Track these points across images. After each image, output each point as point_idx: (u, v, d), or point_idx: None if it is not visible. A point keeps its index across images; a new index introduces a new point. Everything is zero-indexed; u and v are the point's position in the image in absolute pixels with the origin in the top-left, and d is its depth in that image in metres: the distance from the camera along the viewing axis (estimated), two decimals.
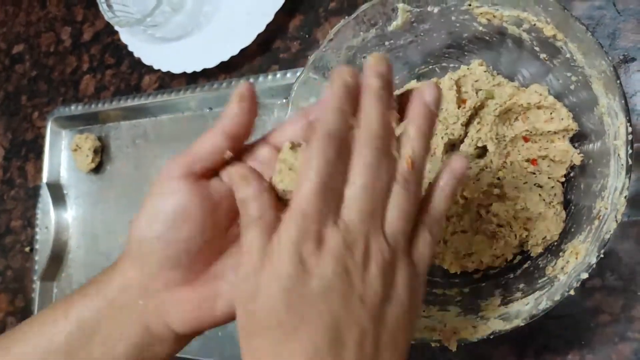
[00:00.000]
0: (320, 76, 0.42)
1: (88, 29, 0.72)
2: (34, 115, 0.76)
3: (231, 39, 0.56)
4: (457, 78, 0.41)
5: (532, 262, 0.38)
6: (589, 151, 0.37)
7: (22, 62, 0.79)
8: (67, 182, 0.70)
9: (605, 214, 0.32)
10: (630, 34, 0.40)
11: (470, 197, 0.40)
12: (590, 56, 0.33)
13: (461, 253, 0.40)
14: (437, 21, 0.40)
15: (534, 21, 0.36)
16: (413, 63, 0.44)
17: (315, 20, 0.55)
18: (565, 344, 0.40)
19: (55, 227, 0.68)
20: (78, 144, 0.67)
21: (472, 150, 0.40)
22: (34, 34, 0.78)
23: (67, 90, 0.73)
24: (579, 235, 0.35)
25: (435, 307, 0.39)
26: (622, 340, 0.38)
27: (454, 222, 0.41)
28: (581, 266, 0.33)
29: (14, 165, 0.76)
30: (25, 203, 0.74)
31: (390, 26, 0.41)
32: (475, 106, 0.40)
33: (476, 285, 0.40)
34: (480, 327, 0.35)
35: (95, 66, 0.70)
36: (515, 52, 0.39)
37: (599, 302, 0.39)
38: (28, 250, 0.72)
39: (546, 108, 0.39)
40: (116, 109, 0.65)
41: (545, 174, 0.39)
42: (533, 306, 0.34)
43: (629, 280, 0.38)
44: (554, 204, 0.37)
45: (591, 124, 0.36)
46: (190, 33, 0.60)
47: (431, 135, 0.28)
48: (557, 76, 0.38)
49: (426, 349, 0.44)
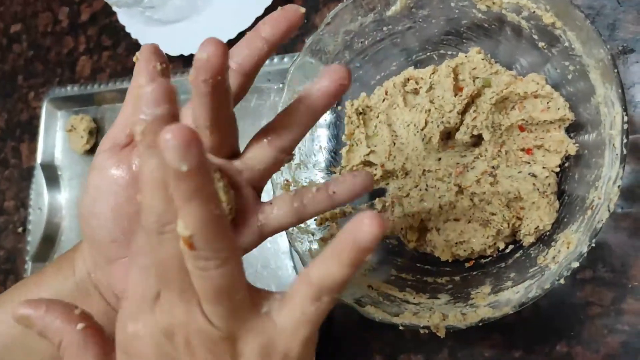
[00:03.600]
0: (316, 60, 0.42)
1: (86, 10, 0.72)
2: (29, 96, 0.75)
3: (229, 22, 0.56)
4: (455, 65, 0.41)
5: (523, 252, 0.38)
6: (585, 141, 0.37)
7: (19, 42, 0.78)
8: (61, 164, 0.70)
9: (599, 203, 0.32)
10: (630, 25, 0.40)
11: (463, 185, 0.40)
12: (589, 45, 0.33)
13: (453, 241, 0.40)
14: (436, 7, 0.40)
15: (534, 8, 0.35)
16: (411, 49, 0.44)
17: (314, 5, 0.54)
18: (555, 335, 0.40)
19: (48, 208, 0.68)
20: (73, 125, 0.66)
21: (468, 138, 0.40)
22: (31, 14, 0.78)
23: (63, 71, 0.72)
24: (571, 225, 0.35)
25: (425, 294, 0.39)
26: (611, 333, 0.38)
27: (446, 210, 0.40)
28: (572, 255, 0.32)
29: (9, 145, 0.76)
30: (19, 184, 0.73)
31: (388, 11, 0.41)
32: (472, 94, 0.40)
33: (467, 273, 0.40)
34: (469, 314, 0.35)
35: (92, 47, 0.70)
36: (514, 40, 0.39)
37: (590, 294, 0.39)
38: (21, 231, 0.71)
39: (543, 97, 0.38)
40: (112, 91, 0.65)
41: (540, 164, 0.38)
42: (523, 295, 0.34)
43: (620, 272, 0.38)
44: (548, 194, 0.37)
45: (587, 114, 0.36)
46: (189, 16, 0.60)
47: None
48: (555, 65, 0.38)
49: (415, 337, 0.44)
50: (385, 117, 0.44)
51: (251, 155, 0.29)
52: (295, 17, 0.28)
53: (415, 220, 0.41)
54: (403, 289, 0.39)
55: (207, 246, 0.21)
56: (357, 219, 0.21)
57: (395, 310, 0.37)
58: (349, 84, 0.28)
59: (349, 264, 0.22)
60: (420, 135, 0.42)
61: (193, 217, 0.21)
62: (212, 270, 0.22)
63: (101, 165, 0.31)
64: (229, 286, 0.22)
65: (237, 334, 0.23)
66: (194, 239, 0.21)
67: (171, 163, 0.19)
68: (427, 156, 0.42)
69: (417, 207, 0.42)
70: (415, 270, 0.41)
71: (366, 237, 0.21)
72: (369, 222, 0.20)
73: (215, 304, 0.23)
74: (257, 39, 0.28)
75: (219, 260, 0.22)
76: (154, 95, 0.21)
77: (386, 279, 0.40)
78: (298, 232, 0.40)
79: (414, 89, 0.43)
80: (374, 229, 0.20)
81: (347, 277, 0.22)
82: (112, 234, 0.31)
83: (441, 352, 0.43)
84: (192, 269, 0.22)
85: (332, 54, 0.42)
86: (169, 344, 0.24)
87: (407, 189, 0.42)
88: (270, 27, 0.28)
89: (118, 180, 0.30)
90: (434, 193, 0.41)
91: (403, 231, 0.42)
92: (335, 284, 0.22)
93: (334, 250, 0.22)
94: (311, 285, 0.23)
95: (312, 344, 0.24)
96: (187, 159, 0.19)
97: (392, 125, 0.44)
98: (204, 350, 0.24)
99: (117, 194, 0.30)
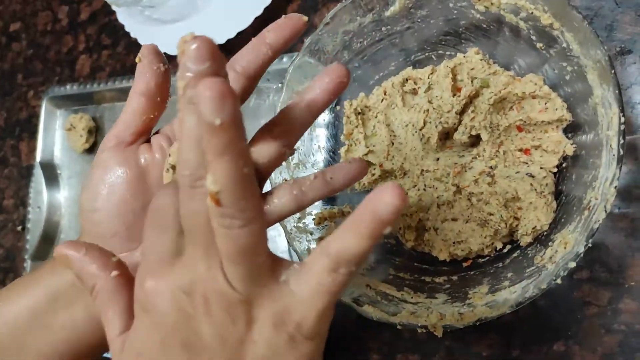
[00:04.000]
0: (315, 60, 0.42)
1: (85, 9, 0.72)
2: (28, 94, 0.75)
3: (228, 22, 0.56)
4: (453, 66, 0.41)
5: (521, 252, 0.38)
6: (582, 142, 0.37)
7: (19, 40, 0.78)
8: (60, 162, 0.70)
9: (595, 204, 0.32)
10: (628, 26, 0.40)
11: (461, 185, 0.40)
12: (587, 46, 0.33)
13: (451, 241, 0.40)
14: (435, 7, 0.40)
15: (532, 9, 0.35)
16: (409, 50, 0.44)
17: (313, 5, 0.54)
18: (552, 335, 0.40)
19: (47, 207, 0.68)
20: (72, 124, 0.66)
21: (466, 138, 0.40)
22: (31, 13, 0.78)
23: (62, 69, 0.72)
24: (568, 226, 0.35)
25: (423, 294, 0.39)
26: (608, 332, 0.38)
27: (444, 210, 0.41)
28: (569, 255, 0.33)
29: (8, 144, 0.76)
30: (18, 182, 0.74)
31: (387, 11, 0.41)
32: (470, 94, 0.40)
33: (465, 273, 0.40)
34: (466, 314, 0.35)
35: (92, 46, 0.70)
36: (512, 41, 0.39)
37: (587, 294, 0.39)
38: (20, 229, 0.71)
39: (541, 98, 0.38)
40: (111, 90, 0.65)
41: (538, 164, 0.39)
42: (520, 294, 0.34)
43: (617, 272, 0.38)
44: (545, 194, 0.37)
45: (585, 114, 0.36)
46: (188, 15, 0.60)
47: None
48: (552, 66, 0.38)
49: (413, 336, 0.44)
50: (383, 117, 0.44)
51: (255, 149, 0.30)
52: (298, 25, 0.29)
53: (414, 219, 0.42)
54: (401, 288, 0.40)
55: (234, 204, 0.22)
56: (378, 190, 0.21)
57: (393, 309, 0.37)
58: (347, 82, 0.29)
59: (368, 235, 0.21)
60: (418, 135, 0.42)
61: (222, 173, 0.21)
62: (236, 229, 0.22)
63: (106, 162, 0.32)
64: (251, 247, 0.23)
65: (254, 298, 0.24)
66: (221, 195, 0.21)
67: (205, 116, 0.20)
68: (426, 156, 0.42)
69: (415, 206, 0.42)
70: (413, 270, 0.41)
71: (387, 209, 0.20)
72: (391, 192, 0.20)
73: (236, 264, 0.23)
74: (262, 45, 0.29)
75: (243, 220, 0.22)
76: (198, 52, 0.21)
77: (384, 278, 0.40)
78: (297, 231, 0.40)
79: (412, 89, 0.43)
80: (395, 200, 0.20)
81: (365, 250, 0.22)
82: (114, 228, 0.32)
83: (438, 352, 0.43)
84: (217, 227, 0.22)
85: (330, 54, 0.42)
86: (188, 301, 0.24)
87: (406, 189, 0.42)
88: (275, 33, 0.29)
89: (124, 176, 0.32)
90: (432, 193, 0.41)
91: (401, 231, 0.42)
92: (353, 256, 0.22)
93: (353, 222, 0.22)
94: (329, 255, 0.23)
95: (327, 317, 0.24)
96: (221, 113, 0.20)
97: (391, 125, 0.44)
98: (220, 311, 0.24)
99: (123, 190, 0.31)
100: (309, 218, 0.42)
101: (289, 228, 0.40)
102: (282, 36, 0.29)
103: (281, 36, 0.29)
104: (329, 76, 0.28)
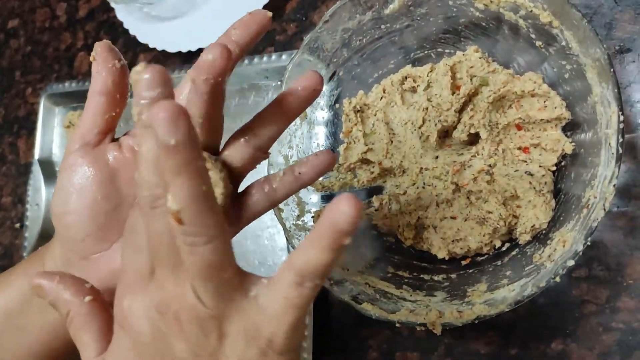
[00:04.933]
0: (314, 57, 0.42)
1: (83, 6, 0.71)
2: (27, 92, 0.75)
3: (227, 19, 0.55)
4: (452, 64, 0.41)
5: (519, 250, 0.38)
6: (581, 140, 0.37)
7: (17, 37, 0.78)
8: (59, 159, 0.70)
9: (594, 202, 0.32)
10: (627, 24, 0.40)
11: (460, 183, 0.40)
12: (586, 44, 0.33)
13: (450, 239, 0.40)
14: (434, 6, 0.40)
15: (531, 7, 0.35)
16: (409, 48, 0.44)
17: (312, 2, 0.54)
18: (550, 333, 0.40)
19: (46, 205, 0.68)
20: (71, 121, 0.66)
21: (465, 136, 0.40)
22: (29, 9, 0.77)
23: (61, 67, 0.72)
24: (567, 224, 0.35)
25: (422, 292, 0.39)
26: (606, 331, 0.38)
27: (443, 208, 0.41)
28: (568, 254, 0.33)
29: (6, 141, 0.76)
30: (17, 180, 0.73)
31: (386, 9, 0.41)
32: (469, 92, 0.40)
33: (463, 271, 0.40)
34: (465, 312, 0.35)
35: (90, 43, 0.70)
36: (512, 39, 0.39)
37: (585, 292, 0.39)
38: (18, 226, 0.71)
39: (540, 96, 0.38)
40: None
41: (537, 162, 0.39)
42: (518, 292, 0.34)
43: (615, 271, 0.39)
44: (544, 192, 0.37)
45: (584, 113, 0.36)
46: (186, 12, 0.60)
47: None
48: (552, 64, 0.38)
49: (412, 334, 0.44)
50: (382, 115, 0.44)
51: (229, 153, 0.30)
52: (263, 21, 0.29)
53: (412, 217, 0.42)
54: (400, 286, 0.40)
55: (195, 221, 0.22)
56: (334, 202, 0.21)
57: (392, 307, 0.37)
58: (321, 89, 0.30)
59: (329, 248, 0.22)
60: (417, 134, 0.42)
61: (181, 191, 0.21)
62: (201, 246, 0.22)
63: (74, 164, 0.32)
64: (217, 263, 0.23)
65: (224, 313, 0.24)
66: (182, 214, 0.21)
67: (161, 137, 0.20)
68: (425, 154, 0.42)
69: (414, 204, 0.42)
70: (412, 268, 0.41)
71: (344, 219, 0.21)
72: (346, 202, 0.21)
73: (204, 280, 0.23)
74: (229, 43, 0.29)
75: (206, 237, 0.22)
76: (150, 80, 0.22)
77: (383, 276, 0.40)
78: (296, 229, 0.40)
79: (411, 87, 0.43)
80: (351, 210, 0.21)
81: (329, 262, 0.22)
82: (86, 230, 0.31)
83: (437, 350, 0.43)
84: (181, 245, 0.23)
85: (330, 51, 0.42)
86: (161, 320, 0.25)
87: (405, 187, 0.42)
88: (241, 30, 0.29)
89: (94, 177, 0.31)
90: (431, 191, 0.41)
91: (400, 229, 0.42)
92: (316, 269, 0.22)
93: (314, 236, 0.22)
94: (294, 270, 0.23)
95: (298, 330, 0.25)
96: (176, 133, 0.20)
97: (390, 123, 0.44)
98: (191, 326, 0.24)
99: (94, 191, 0.31)
100: (307, 216, 0.42)
101: (288, 226, 0.40)
102: (249, 33, 0.29)
103: (247, 33, 0.29)
104: (302, 83, 0.29)
